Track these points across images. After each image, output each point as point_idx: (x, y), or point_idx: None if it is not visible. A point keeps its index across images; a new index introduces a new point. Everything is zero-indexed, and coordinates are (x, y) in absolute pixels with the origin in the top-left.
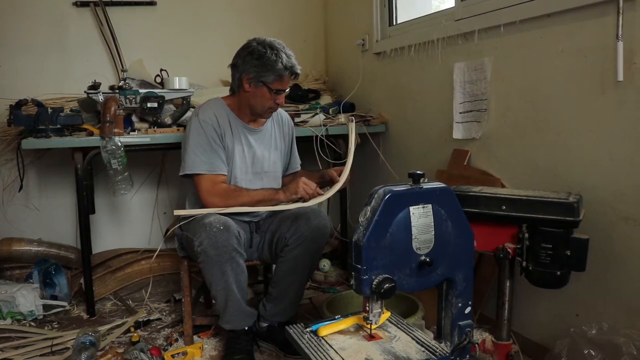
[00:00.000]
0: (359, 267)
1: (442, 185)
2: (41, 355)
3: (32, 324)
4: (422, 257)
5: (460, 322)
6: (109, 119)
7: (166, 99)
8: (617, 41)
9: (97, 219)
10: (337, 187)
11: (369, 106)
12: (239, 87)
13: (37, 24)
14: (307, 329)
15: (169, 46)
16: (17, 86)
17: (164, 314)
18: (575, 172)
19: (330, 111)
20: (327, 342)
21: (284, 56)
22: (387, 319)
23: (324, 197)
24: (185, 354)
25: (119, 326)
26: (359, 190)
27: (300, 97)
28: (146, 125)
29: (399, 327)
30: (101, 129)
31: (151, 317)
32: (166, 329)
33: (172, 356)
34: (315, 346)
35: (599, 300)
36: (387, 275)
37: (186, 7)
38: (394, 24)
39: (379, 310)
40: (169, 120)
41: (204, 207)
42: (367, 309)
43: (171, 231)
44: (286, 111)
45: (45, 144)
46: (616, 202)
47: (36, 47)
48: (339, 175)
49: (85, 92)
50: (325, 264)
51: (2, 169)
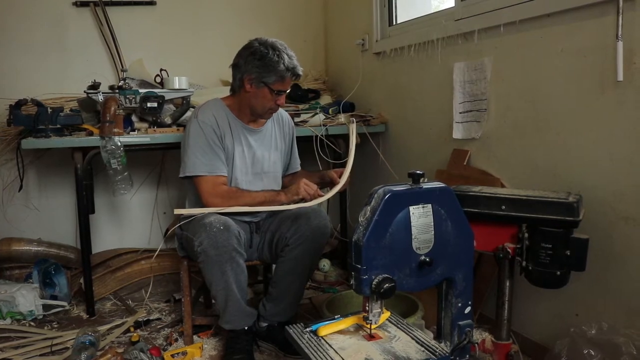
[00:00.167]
0: (359, 267)
1: (442, 185)
2: (41, 355)
3: (32, 323)
4: (422, 257)
5: (460, 322)
6: (108, 118)
7: (166, 99)
8: (616, 41)
9: (96, 218)
10: (337, 188)
11: (369, 106)
12: (239, 87)
13: (37, 24)
14: (307, 329)
15: (168, 46)
16: (16, 86)
17: (164, 313)
18: (575, 172)
19: (330, 111)
20: (326, 342)
21: (285, 57)
22: (387, 319)
23: (324, 198)
24: (185, 353)
25: (118, 326)
26: (359, 190)
27: (300, 96)
28: (146, 125)
29: (398, 327)
30: (101, 128)
31: (151, 317)
32: (166, 329)
33: (172, 356)
34: (315, 346)
35: (598, 300)
36: (386, 275)
37: (186, 7)
38: (394, 23)
39: (379, 310)
40: (168, 120)
41: (204, 207)
42: (367, 308)
43: (171, 231)
44: (286, 111)
45: (45, 143)
46: (616, 202)
47: (36, 47)
48: (339, 176)
49: (85, 92)
50: (325, 263)
51: (1, 169)
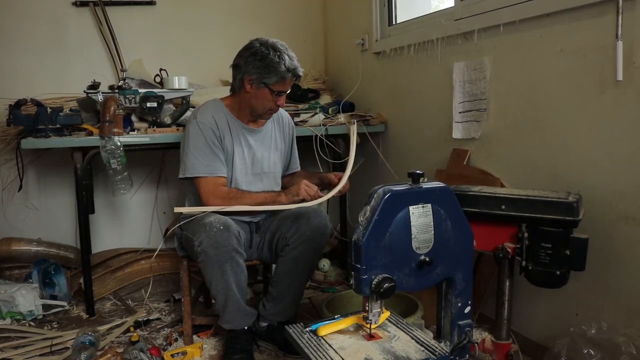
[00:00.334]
0: (359, 266)
1: (442, 184)
2: (41, 355)
3: (32, 323)
4: (422, 257)
5: (459, 322)
6: (108, 118)
7: (165, 99)
8: (616, 41)
9: (96, 218)
10: (335, 190)
11: (369, 106)
12: (240, 87)
13: (37, 24)
14: (307, 329)
15: (168, 46)
16: (16, 86)
17: (164, 313)
18: (574, 172)
19: (329, 111)
20: (326, 342)
21: (286, 58)
22: (387, 319)
23: (324, 199)
24: (184, 353)
25: (118, 326)
26: (359, 190)
27: (299, 96)
28: (145, 125)
29: (398, 327)
30: (100, 128)
31: (151, 317)
32: (166, 329)
33: (172, 356)
34: (314, 346)
35: (598, 299)
36: (386, 274)
37: (185, 7)
38: (394, 23)
39: (379, 309)
40: (168, 120)
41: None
42: (367, 308)
43: (171, 231)
44: (286, 111)
45: (44, 143)
46: (616, 201)
47: (35, 47)
48: (338, 179)
49: (84, 91)
50: (324, 263)
51: (1, 169)
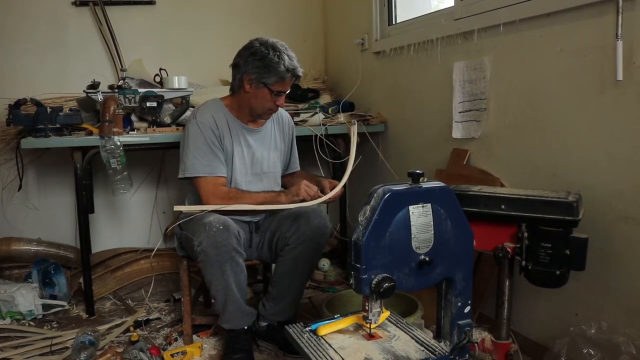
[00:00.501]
0: (359, 266)
1: (442, 184)
2: (40, 354)
3: (32, 323)
4: (422, 257)
5: (459, 322)
6: (108, 118)
7: (165, 99)
8: (616, 40)
9: (96, 218)
10: (323, 199)
11: (368, 105)
12: (239, 87)
13: (36, 24)
14: (307, 329)
15: (168, 45)
16: (16, 85)
17: (164, 313)
18: (574, 172)
19: (329, 110)
20: (326, 342)
21: (286, 58)
22: (387, 318)
23: (324, 199)
24: (184, 353)
25: (118, 326)
26: (358, 189)
27: (299, 96)
28: (145, 124)
29: (398, 327)
30: (100, 128)
31: (150, 317)
32: (165, 329)
33: (172, 355)
34: (314, 345)
35: (598, 299)
36: (386, 274)
37: (185, 7)
38: (394, 23)
39: (379, 309)
40: (168, 119)
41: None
42: (367, 308)
43: (170, 229)
44: (285, 110)
45: (44, 143)
46: (615, 201)
47: (35, 47)
48: (332, 188)
49: (84, 91)
50: (324, 263)
51: (1, 169)
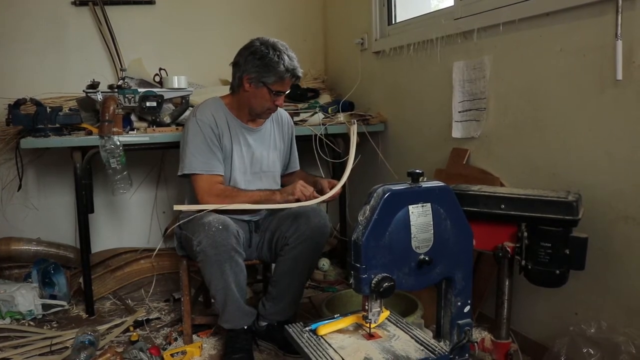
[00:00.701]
0: (358, 266)
1: (441, 184)
2: (40, 354)
3: (31, 323)
4: (421, 256)
5: (459, 321)
6: (107, 118)
7: (165, 98)
8: (616, 40)
9: (96, 218)
10: (322, 198)
11: (368, 105)
12: (239, 86)
13: (36, 23)
14: (307, 328)
15: (167, 45)
16: (15, 85)
17: (163, 313)
18: (574, 171)
19: (329, 110)
20: (326, 341)
21: (286, 58)
22: (386, 318)
23: (318, 200)
24: (184, 353)
25: (118, 325)
26: (358, 189)
27: (299, 96)
28: (145, 124)
29: (398, 326)
30: (100, 128)
31: (150, 317)
32: (165, 328)
33: (171, 355)
34: (314, 345)
35: (598, 299)
36: (386, 274)
37: (185, 6)
38: (393, 22)
39: (378, 309)
40: (167, 119)
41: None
42: (366, 307)
43: (170, 230)
44: (285, 110)
45: (44, 143)
46: (615, 201)
47: (35, 46)
48: (331, 188)
49: (84, 91)
50: (324, 263)
51: (1, 169)
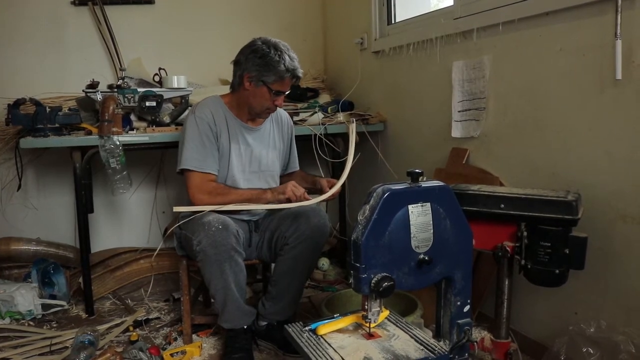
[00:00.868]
0: (358, 265)
1: (441, 183)
2: (40, 354)
3: (31, 323)
4: (421, 256)
5: (459, 321)
6: (107, 118)
7: (165, 98)
8: (615, 39)
9: (95, 218)
10: (323, 197)
11: (368, 105)
12: (239, 84)
13: (35, 23)
14: (306, 328)
15: (167, 45)
16: (15, 85)
17: (163, 313)
18: (573, 171)
19: (328, 110)
20: (326, 341)
21: (287, 58)
22: (386, 318)
23: (309, 202)
24: (184, 352)
25: (117, 325)
26: (358, 189)
27: (298, 95)
28: (145, 124)
29: (397, 326)
30: (99, 128)
31: (150, 316)
32: (165, 328)
33: (171, 355)
34: (314, 345)
35: (597, 298)
36: (385, 273)
37: (185, 6)
38: (393, 22)
39: (378, 308)
40: (167, 119)
41: (191, 201)
42: (366, 307)
43: (170, 230)
44: (285, 110)
45: (43, 143)
46: (615, 200)
47: (34, 46)
48: (331, 186)
49: (83, 91)
50: (324, 262)
51: (0, 168)
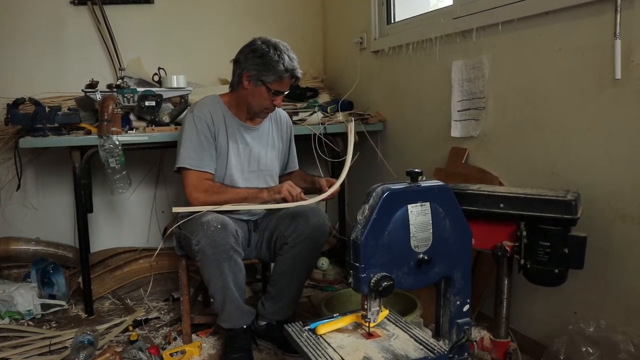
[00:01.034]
0: (357, 265)
1: (440, 183)
2: (39, 354)
3: (30, 323)
4: (421, 255)
5: (458, 320)
6: (106, 117)
7: (164, 98)
8: (614, 39)
9: (95, 217)
10: (321, 197)
11: (367, 104)
12: (238, 83)
13: (35, 23)
14: (306, 327)
15: (166, 44)
16: (14, 85)
17: (163, 312)
18: (573, 170)
19: (328, 109)
20: (325, 341)
21: (286, 58)
22: (386, 317)
23: (305, 202)
24: (183, 352)
25: (117, 325)
26: (357, 188)
27: (298, 95)
28: (144, 123)
29: (397, 325)
30: (99, 127)
31: (149, 316)
32: (164, 328)
33: (171, 355)
34: (313, 344)
35: (597, 298)
36: (385, 273)
37: (184, 5)
38: (392, 22)
39: (377, 308)
40: (166, 118)
41: (188, 200)
42: (366, 307)
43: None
44: (284, 109)
45: (42, 142)
46: (614, 200)
47: (34, 46)
48: (330, 186)
49: (82, 90)
50: (323, 262)
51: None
